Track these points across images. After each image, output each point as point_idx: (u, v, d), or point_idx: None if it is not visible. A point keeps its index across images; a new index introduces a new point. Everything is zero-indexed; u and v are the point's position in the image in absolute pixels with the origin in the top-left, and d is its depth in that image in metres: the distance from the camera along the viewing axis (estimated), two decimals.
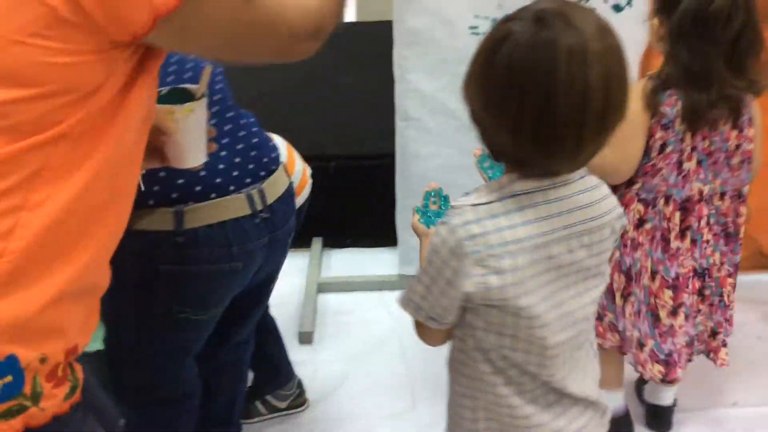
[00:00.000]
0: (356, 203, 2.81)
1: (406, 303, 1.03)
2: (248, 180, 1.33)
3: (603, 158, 0.98)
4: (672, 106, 1.51)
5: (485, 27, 2.08)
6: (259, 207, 1.33)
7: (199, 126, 1.07)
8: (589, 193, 0.98)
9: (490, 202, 0.94)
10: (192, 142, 1.07)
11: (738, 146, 1.58)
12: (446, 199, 1.25)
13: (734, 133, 1.56)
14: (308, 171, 1.77)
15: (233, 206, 1.29)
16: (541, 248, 0.94)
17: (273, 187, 1.38)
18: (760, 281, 2.50)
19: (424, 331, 1.05)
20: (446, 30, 2.07)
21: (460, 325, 1.01)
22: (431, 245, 0.95)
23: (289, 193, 1.46)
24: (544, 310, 0.96)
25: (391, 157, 2.35)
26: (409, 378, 2.12)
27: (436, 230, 0.96)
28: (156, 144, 1.03)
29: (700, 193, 1.60)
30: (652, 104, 1.52)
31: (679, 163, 1.55)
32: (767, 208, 2.41)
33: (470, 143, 2.21)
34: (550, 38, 0.84)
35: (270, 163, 1.40)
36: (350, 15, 5.95)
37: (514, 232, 0.92)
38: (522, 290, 0.94)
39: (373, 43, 2.46)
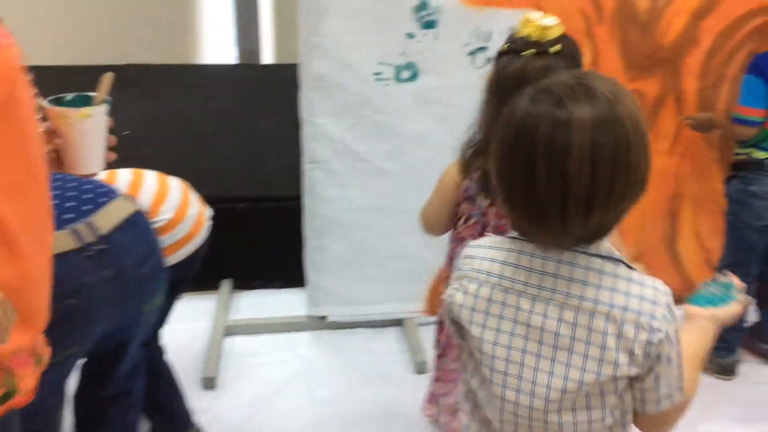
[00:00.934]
0: (265, 245, 2.80)
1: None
2: (70, 215, 1.33)
3: (425, 212, 1.03)
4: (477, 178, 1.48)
5: (389, 73, 2.15)
6: (90, 239, 1.32)
7: (97, 132, 1.06)
8: (588, 273, 0.92)
9: (504, 237, 1.00)
10: (88, 148, 1.06)
11: None
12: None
13: None
14: (207, 213, 1.76)
15: (57, 243, 1.23)
16: (510, 294, 0.95)
17: (106, 218, 1.37)
18: None
19: None
20: (351, 75, 2.12)
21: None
22: None
23: (136, 222, 1.44)
24: (501, 355, 0.96)
25: (299, 198, 2.37)
26: (316, 420, 2.10)
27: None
28: (53, 148, 1.02)
29: None
30: (463, 173, 1.50)
31: (482, 236, 1.48)
32: (656, 250, 2.57)
33: (376, 186, 2.29)
34: (533, 116, 0.87)
35: (98, 197, 1.40)
36: (268, 57, 6.00)
37: (491, 266, 0.98)
38: (477, 320, 0.97)
39: (288, 85, 2.48)
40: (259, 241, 2.80)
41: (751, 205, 2.21)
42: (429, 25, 2.10)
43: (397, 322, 2.59)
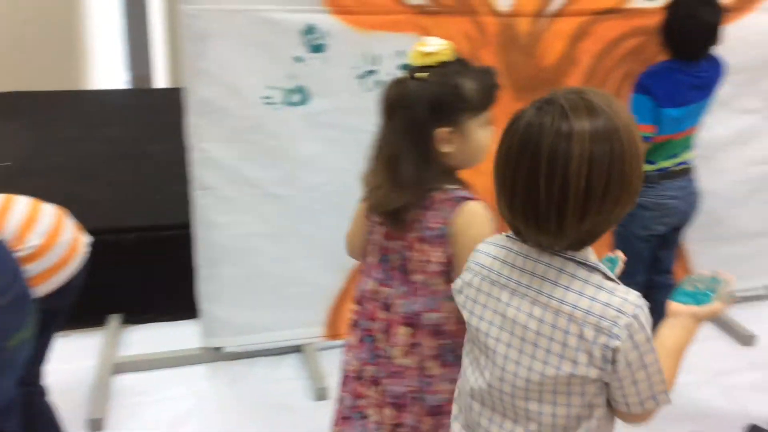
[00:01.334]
0: (158, 276, 2.69)
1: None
2: None
3: (347, 235, 1.39)
4: None
5: (278, 97, 2.12)
6: None
7: None
8: (563, 275, 0.99)
9: (504, 235, 1.10)
10: None
11: (417, 259, 1.36)
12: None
13: (417, 243, 1.35)
14: (84, 240, 1.66)
15: None
16: (495, 287, 1.06)
17: None
18: None
19: None
20: (238, 100, 2.08)
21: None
22: None
23: None
24: (482, 340, 1.07)
25: (189, 227, 2.29)
26: None
27: None
28: None
29: (373, 292, 1.42)
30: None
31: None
32: None
33: (270, 211, 2.25)
34: (537, 126, 0.93)
35: None
36: (161, 81, 5.84)
37: (485, 258, 1.10)
38: (468, 305, 1.10)
39: (181, 109, 2.39)
40: (151, 273, 2.69)
41: (638, 216, 2.31)
42: (317, 48, 2.09)
43: (297, 349, 2.54)
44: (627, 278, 2.44)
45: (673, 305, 1.16)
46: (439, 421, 1.38)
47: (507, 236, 1.08)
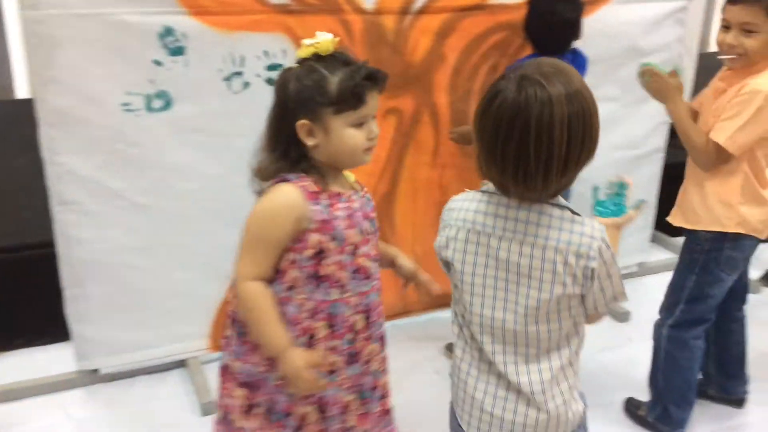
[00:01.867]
0: (26, 298, 2.52)
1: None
2: None
3: None
4: None
5: (139, 103, 2.03)
6: None
7: None
8: (543, 217, 1.18)
9: (475, 192, 1.27)
10: None
11: None
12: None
13: None
14: None
15: None
16: (482, 236, 1.22)
17: None
18: (434, 318, 2.73)
19: None
20: (96, 109, 1.98)
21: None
22: None
23: None
24: (478, 283, 1.23)
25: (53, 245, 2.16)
26: None
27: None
28: None
29: None
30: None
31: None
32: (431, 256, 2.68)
33: (138, 223, 2.15)
34: (524, 99, 1.09)
35: None
36: (24, 91, 5.49)
37: (466, 214, 1.25)
38: (458, 256, 1.24)
39: None
40: (18, 295, 2.52)
41: None
42: (177, 51, 2.01)
43: (181, 364, 2.45)
44: None
45: (601, 219, 1.35)
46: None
47: (483, 192, 1.24)
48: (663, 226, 3.01)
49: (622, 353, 2.58)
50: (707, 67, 2.35)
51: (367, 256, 1.41)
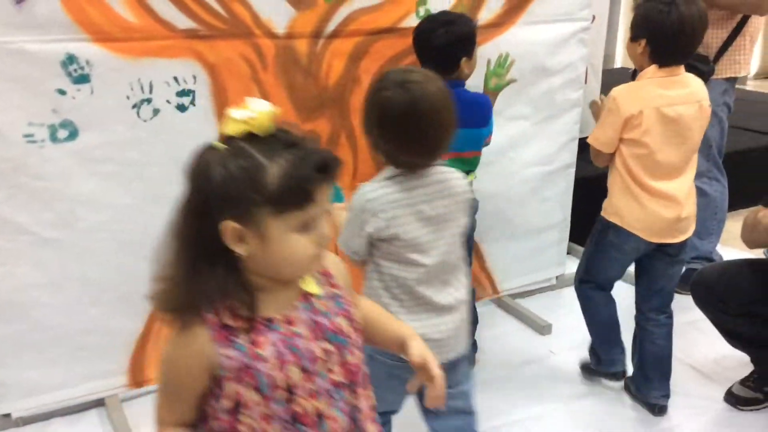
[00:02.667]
0: None
1: (343, 245, 1.62)
2: None
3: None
4: None
5: (42, 134, 1.95)
6: None
7: None
8: (442, 175, 1.60)
9: (380, 181, 1.57)
10: None
11: None
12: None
13: None
14: None
15: None
16: (411, 206, 1.55)
17: None
18: None
19: (352, 262, 1.62)
20: None
21: (369, 258, 1.61)
22: (350, 207, 1.58)
23: None
24: (420, 242, 1.57)
25: None
26: None
27: (353, 198, 1.57)
28: None
29: None
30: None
31: None
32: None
33: (47, 258, 2.06)
34: (413, 97, 1.48)
35: None
36: None
37: (392, 197, 1.55)
38: (401, 229, 1.55)
39: None
40: None
41: None
42: (81, 79, 1.95)
43: (99, 403, 2.34)
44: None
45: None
46: None
47: (388, 178, 1.56)
48: (578, 239, 3.10)
49: (544, 366, 2.63)
50: (611, 83, 2.46)
51: (315, 395, 1.07)
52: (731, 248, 3.31)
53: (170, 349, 1.06)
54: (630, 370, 2.44)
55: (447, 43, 2.16)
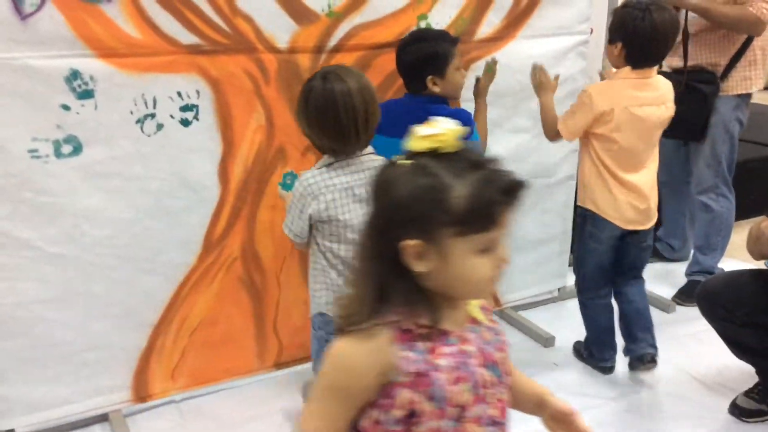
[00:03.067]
0: None
1: (286, 229, 1.90)
2: None
3: None
4: None
5: (47, 149, 1.96)
6: None
7: None
8: (373, 163, 1.86)
9: (319, 168, 1.84)
10: None
11: None
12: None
13: None
14: None
15: None
16: (347, 189, 1.83)
17: None
18: None
19: (295, 244, 1.93)
20: (1, 156, 1.90)
21: (312, 239, 1.89)
22: (292, 193, 1.86)
23: None
24: (354, 222, 1.82)
25: None
26: None
27: (295, 185, 1.85)
28: None
29: None
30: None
31: None
32: None
33: (52, 273, 2.07)
34: (330, 88, 1.78)
35: None
36: None
37: (330, 181, 1.82)
38: (339, 210, 1.82)
39: None
40: None
41: None
42: (85, 95, 1.96)
43: (103, 418, 2.34)
44: None
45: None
46: None
47: (325, 165, 1.84)
48: None
49: (548, 378, 2.62)
50: None
51: (479, 421, 1.05)
52: (734, 260, 3.30)
53: (344, 346, 1.02)
54: (621, 365, 2.58)
55: (414, 60, 2.21)
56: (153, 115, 2.08)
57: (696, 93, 2.93)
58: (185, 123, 2.15)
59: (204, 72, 2.12)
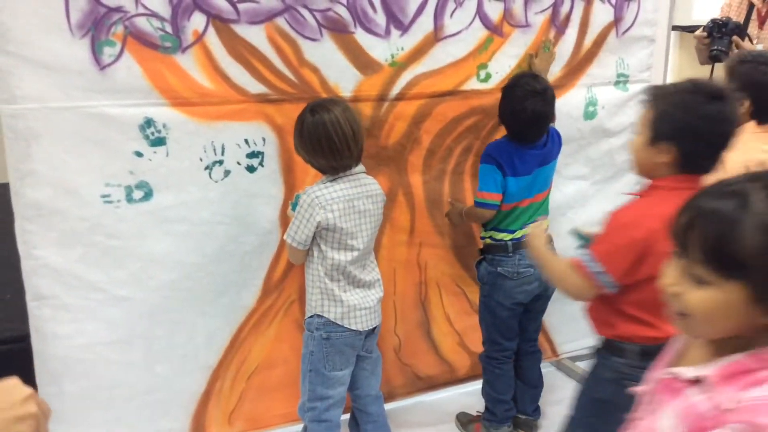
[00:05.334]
0: None
1: (289, 238, 2.04)
2: None
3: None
4: None
5: (119, 194, 2.01)
6: None
7: None
8: (365, 180, 2.08)
9: (322, 184, 2.03)
10: None
11: None
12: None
13: None
14: None
15: None
16: (349, 201, 2.02)
17: None
18: (418, 403, 2.68)
19: (294, 252, 2.08)
20: (74, 201, 1.95)
21: (312, 248, 2.07)
22: (299, 205, 2.03)
23: None
24: (354, 231, 2.05)
25: (28, 339, 2.08)
26: None
27: (302, 198, 2.04)
28: None
29: None
30: None
31: None
32: (414, 337, 2.66)
33: (117, 316, 2.10)
34: (320, 117, 1.96)
35: None
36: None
37: (334, 194, 2.00)
38: (342, 220, 2.01)
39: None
40: None
41: (501, 286, 2.39)
42: (158, 142, 2.02)
43: None
44: (497, 347, 2.52)
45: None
46: None
47: (330, 180, 2.02)
48: None
49: None
50: None
51: None
52: None
53: None
54: None
55: (538, 115, 2.29)
56: (221, 162, 2.13)
57: None
58: (251, 169, 2.18)
59: (270, 120, 2.17)
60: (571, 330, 2.91)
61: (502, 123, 2.36)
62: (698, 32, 3.02)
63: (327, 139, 1.95)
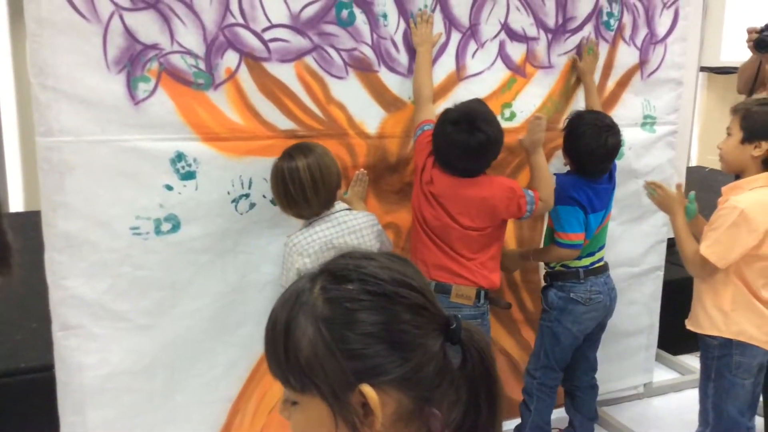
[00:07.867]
0: (19, 426, 2.43)
1: (280, 286, 2.09)
2: None
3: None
4: None
5: (148, 227, 2.04)
6: None
7: None
8: (348, 216, 2.07)
9: (299, 230, 2.05)
10: None
11: None
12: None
13: None
14: None
15: None
16: (327, 242, 2.01)
17: None
18: None
19: None
20: (104, 232, 1.98)
21: None
22: (284, 255, 2.09)
23: None
24: None
25: (52, 369, 2.10)
26: None
27: (283, 246, 2.09)
28: None
29: None
30: None
31: None
32: None
33: (141, 345, 2.11)
34: (280, 166, 2.01)
35: None
36: (18, 204, 5.52)
37: (310, 238, 2.03)
38: (321, 260, 1.65)
39: (39, 236, 2.20)
40: (10, 422, 2.42)
41: (573, 311, 2.41)
42: (188, 176, 2.05)
43: None
44: (551, 372, 2.50)
45: None
46: None
47: (303, 227, 2.05)
48: (666, 345, 2.99)
49: None
50: (690, 181, 2.46)
51: None
52: None
53: None
54: None
55: (613, 148, 2.37)
56: (248, 195, 2.16)
57: None
58: (275, 202, 2.20)
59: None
60: (597, 373, 2.86)
61: (572, 161, 2.40)
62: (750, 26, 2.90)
63: (284, 187, 1.98)
